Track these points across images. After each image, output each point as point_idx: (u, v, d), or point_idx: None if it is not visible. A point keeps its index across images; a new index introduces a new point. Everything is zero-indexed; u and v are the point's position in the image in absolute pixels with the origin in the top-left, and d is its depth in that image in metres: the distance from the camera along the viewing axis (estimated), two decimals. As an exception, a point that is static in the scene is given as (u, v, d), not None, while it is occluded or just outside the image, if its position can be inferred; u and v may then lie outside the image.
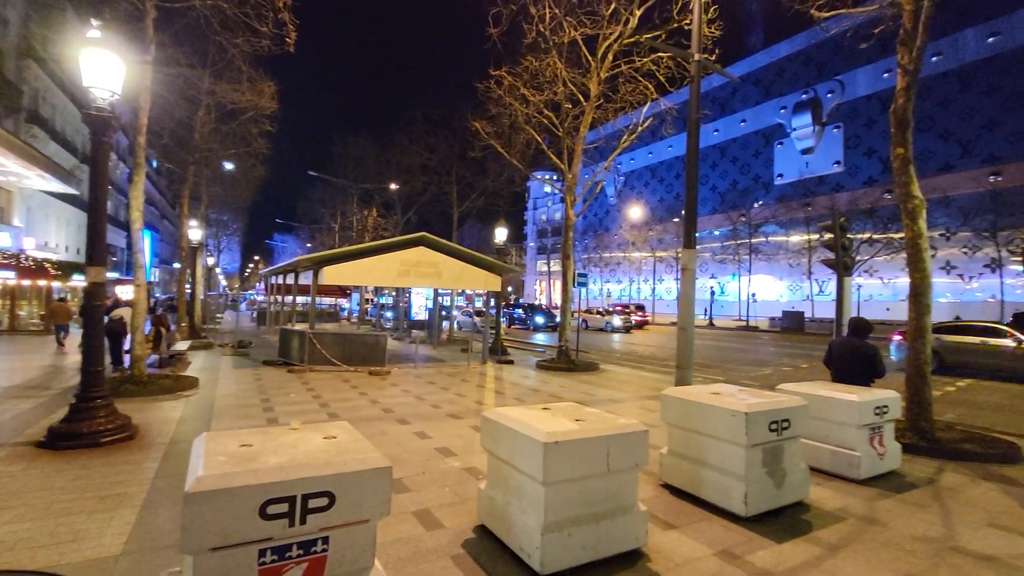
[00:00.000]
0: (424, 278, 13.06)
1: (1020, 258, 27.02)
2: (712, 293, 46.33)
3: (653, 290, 56.65)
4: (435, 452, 5.66)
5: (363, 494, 2.17)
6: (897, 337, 14.95)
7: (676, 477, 4.59)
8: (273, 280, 23.60)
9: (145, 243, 14.26)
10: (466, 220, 29.82)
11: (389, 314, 28.98)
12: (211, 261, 41.93)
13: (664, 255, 54.06)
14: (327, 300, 39.12)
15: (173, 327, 16.25)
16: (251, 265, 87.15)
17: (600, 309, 33.93)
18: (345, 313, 39.56)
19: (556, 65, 13.14)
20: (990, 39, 37.06)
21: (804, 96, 48.55)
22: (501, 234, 17.70)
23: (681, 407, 4.47)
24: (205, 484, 1.93)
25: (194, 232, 19.03)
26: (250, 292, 63.67)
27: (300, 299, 20.44)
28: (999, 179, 34.99)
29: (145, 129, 9.68)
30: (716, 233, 54.00)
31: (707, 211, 55.74)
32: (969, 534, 3.97)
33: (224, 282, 73.64)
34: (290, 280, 17.88)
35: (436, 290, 19.83)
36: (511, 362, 14.24)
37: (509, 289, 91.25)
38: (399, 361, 13.69)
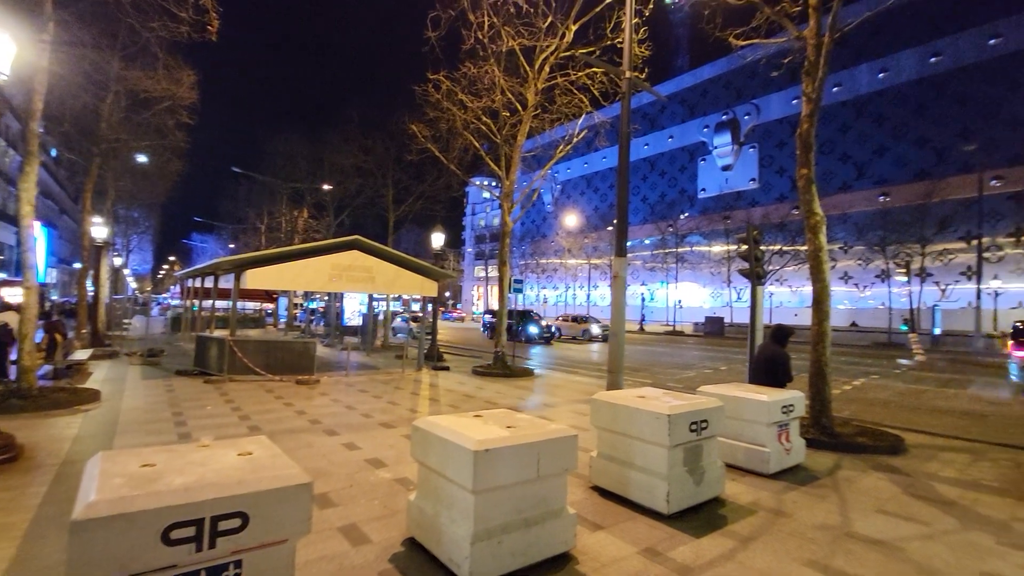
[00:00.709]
0: (357, 283, 12.67)
1: (904, 270, 30.48)
2: (643, 299, 48.38)
3: (588, 296, 58.25)
4: (364, 464, 5.49)
5: (280, 513, 2.06)
6: (1020, 354, 14.73)
7: (605, 479, 4.74)
8: (190, 283, 21.90)
9: (39, 241, 12.80)
10: (403, 224, 29.23)
11: (320, 320, 27.83)
12: (118, 261, 38.28)
13: (599, 262, 55.85)
14: (252, 305, 36.92)
15: (71, 334, 14.67)
16: (165, 267, 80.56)
17: (576, 316, 32.96)
18: (271, 319, 37.54)
19: (495, 73, 13.26)
20: (880, 75, 41.74)
21: (724, 117, 52.22)
22: (438, 239, 17.53)
23: (610, 411, 4.63)
24: (97, 510, 1.76)
25: (98, 230, 17.31)
26: (164, 296, 58.73)
27: (221, 304, 19.14)
28: (887, 199, 39.39)
29: (40, 114, 8.71)
30: (647, 242, 56.51)
31: (638, 221, 58.29)
32: (861, 520, 4.39)
33: (134, 285, 67.52)
34: (209, 283, 16.70)
35: (371, 295, 19.29)
36: (447, 368, 14.10)
37: (447, 294, 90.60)
38: (330, 369, 13.15)
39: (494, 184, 24.64)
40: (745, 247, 9.06)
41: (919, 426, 8.25)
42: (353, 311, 24.46)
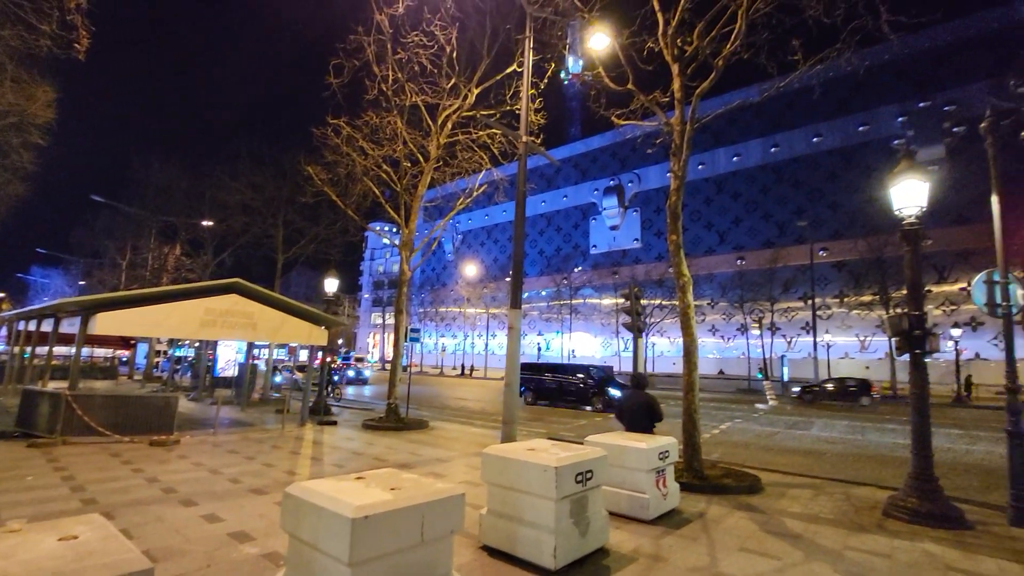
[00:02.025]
0: (235, 330, 11.57)
1: (757, 324, 35.00)
2: (539, 349, 49.67)
3: (486, 345, 58.56)
4: (227, 538, 4.86)
5: (110, 609, 1.76)
6: None
7: (494, 537, 4.66)
8: (22, 326, 18.42)
9: None
10: (293, 267, 27.64)
11: (187, 370, 24.71)
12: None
13: (497, 312, 56.77)
14: (103, 352, 31.86)
15: None
16: (-12, 306, 67.00)
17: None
18: (126, 368, 32.59)
19: (397, 124, 13.46)
20: (735, 158, 49.23)
21: (611, 182, 57.63)
22: (331, 284, 16.74)
23: (499, 465, 4.63)
24: None
25: None
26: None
27: (62, 351, 16.22)
28: (743, 263, 45.49)
29: None
30: (543, 293, 58.88)
31: (536, 273, 60.86)
32: (726, 559, 4.76)
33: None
34: (48, 327, 14.19)
35: (251, 343, 17.65)
36: (334, 423, 13.17)
37: (340, 342, 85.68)
38: (195, 427, 11.64)
39: (394, 231, 24.36)
40: (628, 303, 9.85)
41: (773, 465, 9.25)
42: (228, 360, 22.07)
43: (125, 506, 5.68)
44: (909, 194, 6.15)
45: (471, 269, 50.62)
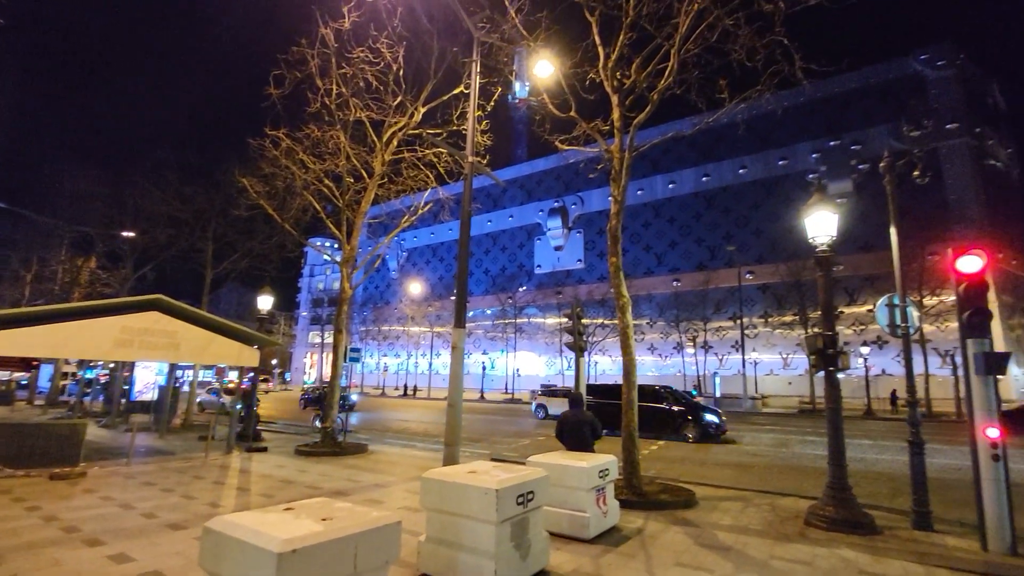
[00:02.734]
0: (156, 350, 10.71)
1: (691, 342, 36.72)
2: (484, 368, 49.45)
3: (430, 365, 57.60)
4: (138, 580, 4.43)
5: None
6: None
7: (433, 565, 4.53)
8: None
9: None
10: (223, 283, 26.00)
11: (100, 394, 22.55)
12: None
13: (442, 331, 56.17)
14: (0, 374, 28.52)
15: None
16: None
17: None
18: (26, 392, 29.30)
19: (340, 138, 13.19)
20: (670, 185, 51.99)
21: (556, 204, 59.11)
22: (265, 301, 15.92)
23: (439, 489, 4.53)
24: None
25: None
26: None
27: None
28: (679, 284, 47.75)
29: None
30: (488, 312, 58.89)
31: (481, 292, 60.89)
32: (663, 575, 4.87)
33: None
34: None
35: (173, 364, 16.39)
36: (264, 449, 12.42)
37: (274, 362, 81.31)
38: (105, 457, 10.61)
39: (335, 247, 23.62)
40: (570, 322, 10.04)
41: (707, 479, 9.63)
42: (147, 383, 20.36)
43: (14, 550, 5.06)
44: (821, 224, 6.74)
45: (416, 287, 49.90)
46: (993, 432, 5.57)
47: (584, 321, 11.63)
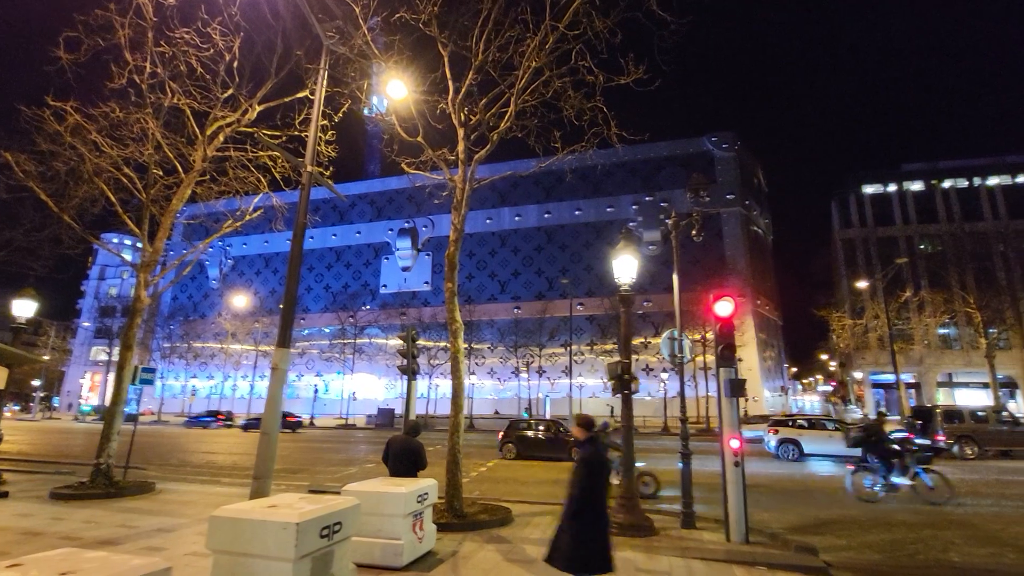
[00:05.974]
0: None
1: (527, 368, 39.13)
2: (316, 391, 45.87)
3: (251, 387, 51.50)
4: None
5: None
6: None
7: (216, 614, 4.04)
8: None
9: None
10: (-39, 280, 20.15)
11: None
12: None
13: (269, 349, 50.68)
14: None
15: None
16: None
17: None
18: None
19: (150, 124, 11.42)
20: (516, 217, 55.45)
21: (406, 224, 58.65)
22: (25, 307, 12.70)
23: (231, 528, 4.09)
24: None
25: None
26: None
27: None
28: (520, 312, 50.62)
29: None
30: (327, 331, 55.16)
31: (319, 309, 56.95)
32: (468, 594, 5.01)
33: None
34: None
35: None
36: (4, 495, 9.76)
37: (37, 382, 64.51)
38: None
39: (137, 247, 20.01)
40: (404, 345, 9.97)
41: (527, 496, 10.23)
42: None
43: None
44: (625, 267, 7.86)
45: (241, 300, 44.46)
46: (735, 443, 6.98)
47: (427, 344, 11.68)
